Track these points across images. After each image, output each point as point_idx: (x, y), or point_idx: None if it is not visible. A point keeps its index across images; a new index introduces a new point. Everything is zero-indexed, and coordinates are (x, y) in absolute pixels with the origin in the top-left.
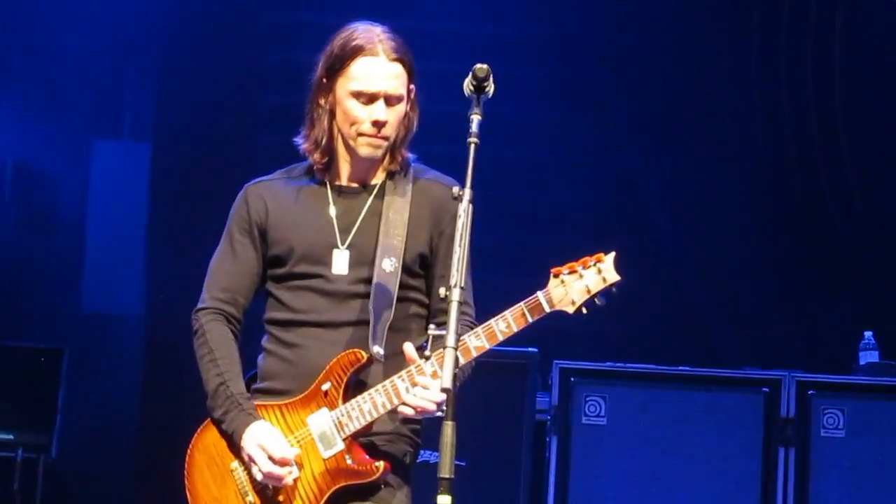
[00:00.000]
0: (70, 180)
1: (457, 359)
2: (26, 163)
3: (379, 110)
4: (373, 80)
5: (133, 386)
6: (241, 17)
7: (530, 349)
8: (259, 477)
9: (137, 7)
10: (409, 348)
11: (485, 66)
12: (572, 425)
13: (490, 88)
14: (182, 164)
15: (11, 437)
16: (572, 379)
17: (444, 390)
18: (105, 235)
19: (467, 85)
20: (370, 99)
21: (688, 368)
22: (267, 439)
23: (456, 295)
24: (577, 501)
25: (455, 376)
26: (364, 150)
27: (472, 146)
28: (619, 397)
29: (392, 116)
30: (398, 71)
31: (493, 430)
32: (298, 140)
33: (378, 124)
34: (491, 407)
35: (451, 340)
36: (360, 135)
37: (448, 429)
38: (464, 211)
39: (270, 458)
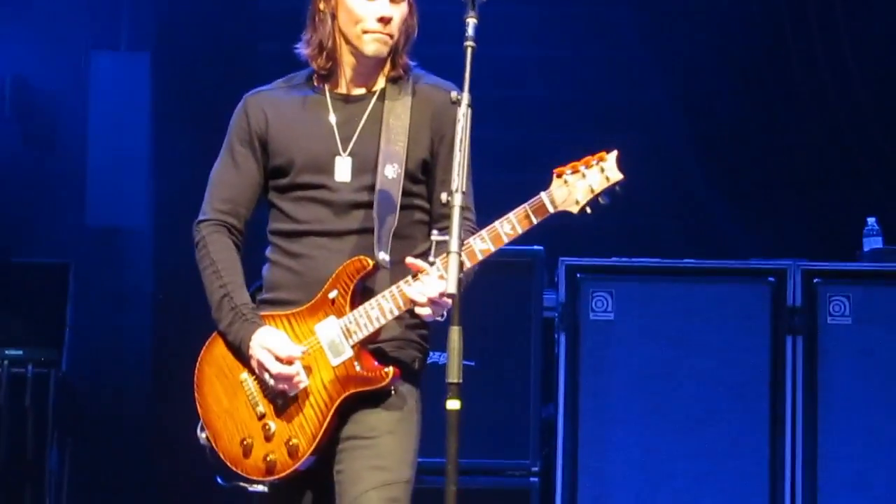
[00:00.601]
0: (70, 93)
1: (462, 263)
2: (25, 78)
3: (384, 6)
4: None
5: (142, 299)
6: None
7: (536, 247)
8: (271, 382)
9: None
10: (412, 260)
11: None
12: (580, 322)
13: None
14: (183, 74)
15: (21, 353)
16: (578, 275)
17: (449, 296)
18: (107, 148)
19: None
20: None
21: (693, 261)
22: (272, 341)
23: (458, 200)
24: (588, 398)
25: (460, 281)
26: (371, 46)
27: (469, 50)
28: (625, 292)
29: (396, 13)
30: None
31: (502, 329)
32: (300, 47)
33: (384, 20)
34: (498, 306)
35: (454, 245)
36: (366, 32)
37: (455, 333)
38: (462, 115)
39: (277, 358)
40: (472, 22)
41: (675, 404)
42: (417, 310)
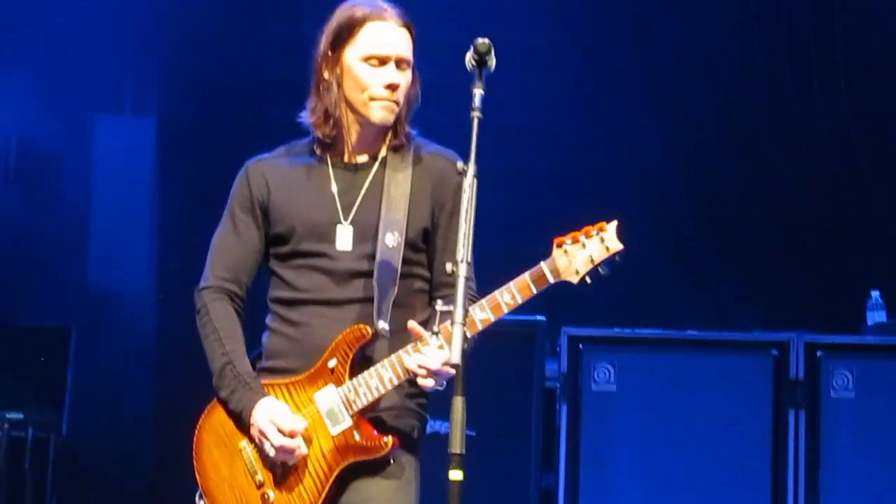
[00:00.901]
0: (74, 157)
1: (465, 334)
2: (30, 139)
3: (391, 73)
4: (385, 43)
5: (143, 363)
6: None
7: (538, 317)
8: (271, 453)
9: None
10: (413, 324)
11: (486, 40)
12: (582, 392)
13: (492, 62)
14: (187, 139)
15: (21, 416)
16: (581, 346)
17: (453, 366)
18: (110, 211)
19: (469, 59)
20: (381, 62)
21: (696, 332)
22: (276, 414)
23: (462, 270)
24: (589, 468)
25: (463, 351)
26: (377, 114)
27: (476, 120)
28: (628, 363)
29: (403, 80)
30: (407, 36)
31: (503, 398)
32: (303, 116)
33: (391, 87)
34: (500, 375)
35: (458, 316)
36: (373, 99)
37: (458, 403)
38: (469, 186)
39: (280, 430)
40: (478, 93)
41: (676, 475)
42: (419, 381)
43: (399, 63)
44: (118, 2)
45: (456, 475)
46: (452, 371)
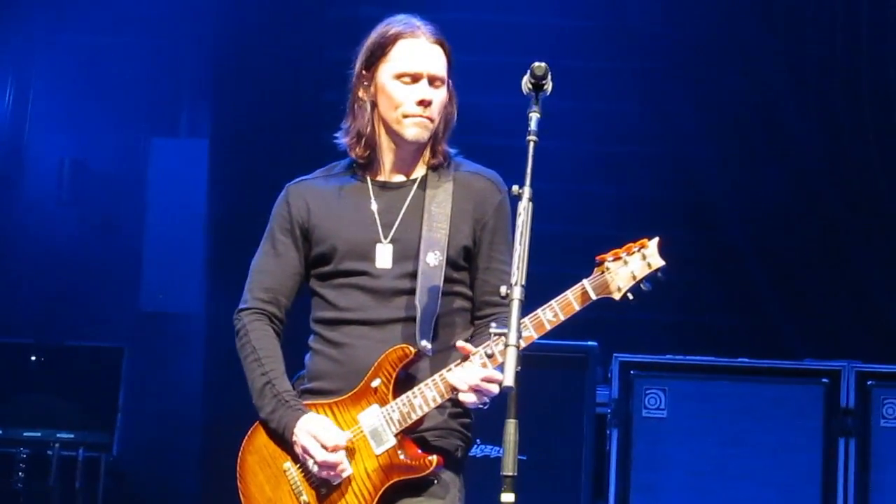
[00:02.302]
0: (128, 179)
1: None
2: (84, 162)
3: (423, 89)
4: (416, 60)
5: (194, 384)
6: (299, 10)
7: (590, 343)
8: (315, 469)
9: (193, 4)
10: (463, 343)
11: (543, 64)
12: (633, 418)
13: (548, 86)
14: (240, 162)
15: (73, 436)
16: (632, 372)
17: (506, 388)
18: (163, 233)
19: (525, 83)
20: (414, 79)
21: (747, 360)
22: (318, 429)
23: (517, 293)
24: (639, 494)
25: (516, 374)
26: (411, 131)
27: (531, 144)
28: (679, 390)
29: (436, 97)
30: (440, 53)
31: (554, 423)
32: (339, 136)
33: (423, 103)
34: (551, 401)
35: (512, 339)
36: (406, 116)
37: (511, 427)
38: (524, 209)
39: (323, 446)
40: (535, 116)
41: (726, 502)
42: (460, 396)
43: (432, 80)
44: (172, 25)
45: (508, 498)
46: (494, 389)
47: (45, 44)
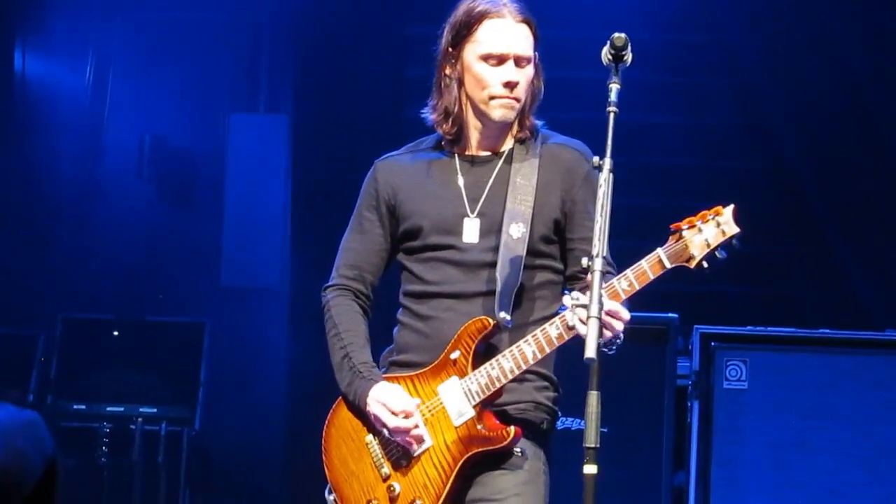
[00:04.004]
0: (208, 155)
1: (601, 328)
2: (164, 138)
3: (509, 71)
4: (501, 41)
5: (276, 359)
6: None
7: (671, 314)
8: (389, 437)
9: None
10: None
11: (623, 35)
12: (714, 390)
13: (628, 57)
14: (320, 137)
15: (155, 410)
16: (713, 343)
17: (588, 360)
18: (243, 209)
19: (605, 54)
20: (500, 61)
21: (828, 331)
22: (387, 396)
23: (598, 265)
24: (720, 467)
25: (598, 345)
26: (497, 112)
27: (612, 115)
28: (760, 361)
29: (522, 77)
30: (525, 32)
31: (635, 396)
32: (426, 112)
33: (510, 85)
34: (632, 373)
35: (594, 310)
36: (493, 98)
37: (593, 398)
38: (605, 180)
39: (392, 412)
40: (615, 87)
41: (808, 476)
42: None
43: (518, 61)
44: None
45: (591, 469)
46: (618, 326)
47: (124, 21)
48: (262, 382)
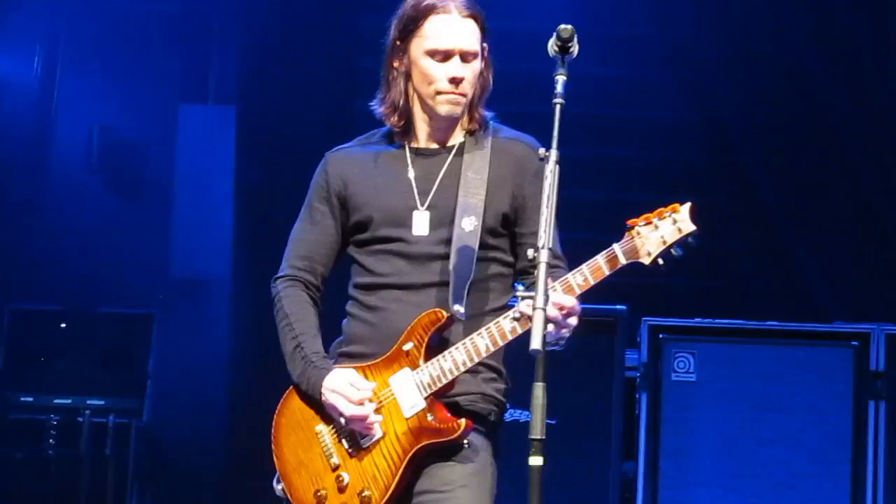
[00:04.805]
0: (156, 145)
1: (547, 320)
2: (113, 129)
3: (455, 67)
4: (447, 37)
5: (223, 350)
6: None
7: (619, 307)
8: (343, 422)
9: None
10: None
11: (569, 26)
12: (662, 382)
13: (574, 49)
14: (268, 128)
15: (103, 402)
16: (661, 336)
17: (533, 351)
18: (192, 200)
19: (552, 45)
20: (445, 56)
21: (776, 323)
22: (342, 385)
23: (544, 256)
24: (668, 458)
25: (543, 337)
26: (443, 108)
27: (558, 107)
28: (708, 353)
29: (468, 73)
30: (471, 27)
31: (583, 387)
32: (374, 105)
33: (455, 81)
34: (581, 364)
35: (539, 301)
36: (439, 93)
37: (538, 390)
38: (550, 172)
39: (349, 400)
40: (561, 79)
41: (756, 467)
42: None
43: (464, 56)
44: None
45: (536, 461)
46: (572, 322)
47: (73, 10)
48: (211, 374)
